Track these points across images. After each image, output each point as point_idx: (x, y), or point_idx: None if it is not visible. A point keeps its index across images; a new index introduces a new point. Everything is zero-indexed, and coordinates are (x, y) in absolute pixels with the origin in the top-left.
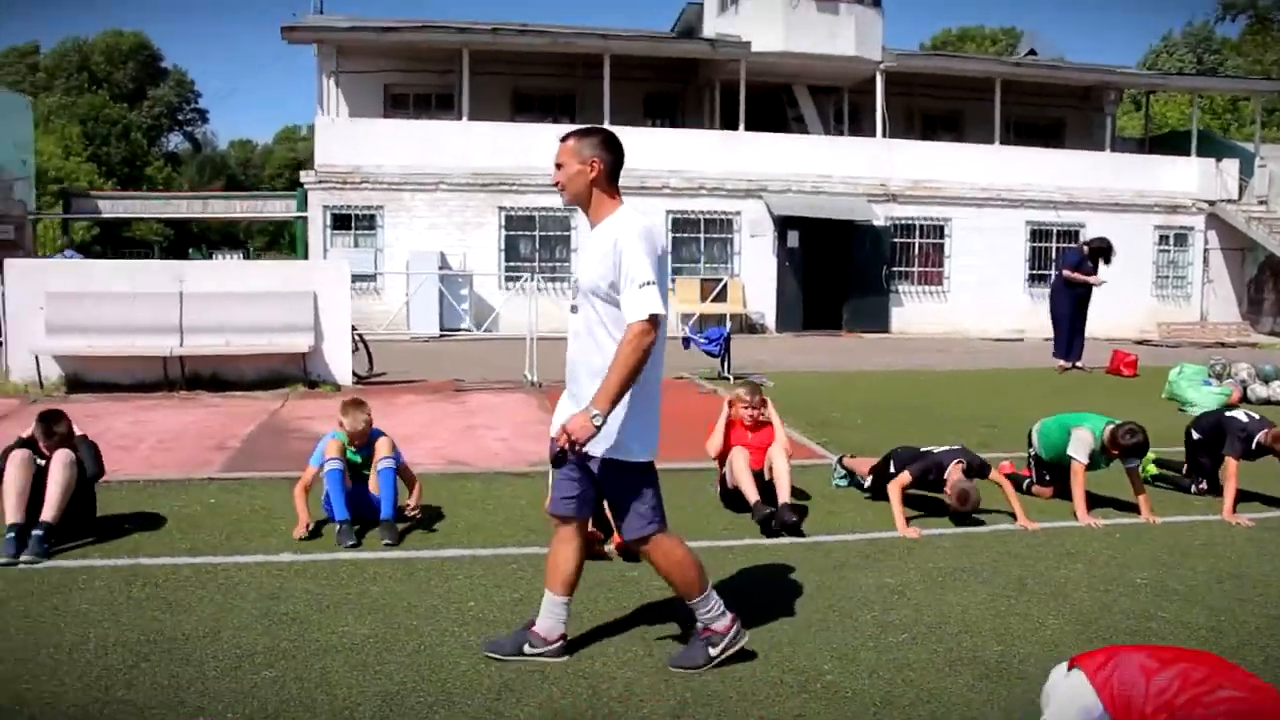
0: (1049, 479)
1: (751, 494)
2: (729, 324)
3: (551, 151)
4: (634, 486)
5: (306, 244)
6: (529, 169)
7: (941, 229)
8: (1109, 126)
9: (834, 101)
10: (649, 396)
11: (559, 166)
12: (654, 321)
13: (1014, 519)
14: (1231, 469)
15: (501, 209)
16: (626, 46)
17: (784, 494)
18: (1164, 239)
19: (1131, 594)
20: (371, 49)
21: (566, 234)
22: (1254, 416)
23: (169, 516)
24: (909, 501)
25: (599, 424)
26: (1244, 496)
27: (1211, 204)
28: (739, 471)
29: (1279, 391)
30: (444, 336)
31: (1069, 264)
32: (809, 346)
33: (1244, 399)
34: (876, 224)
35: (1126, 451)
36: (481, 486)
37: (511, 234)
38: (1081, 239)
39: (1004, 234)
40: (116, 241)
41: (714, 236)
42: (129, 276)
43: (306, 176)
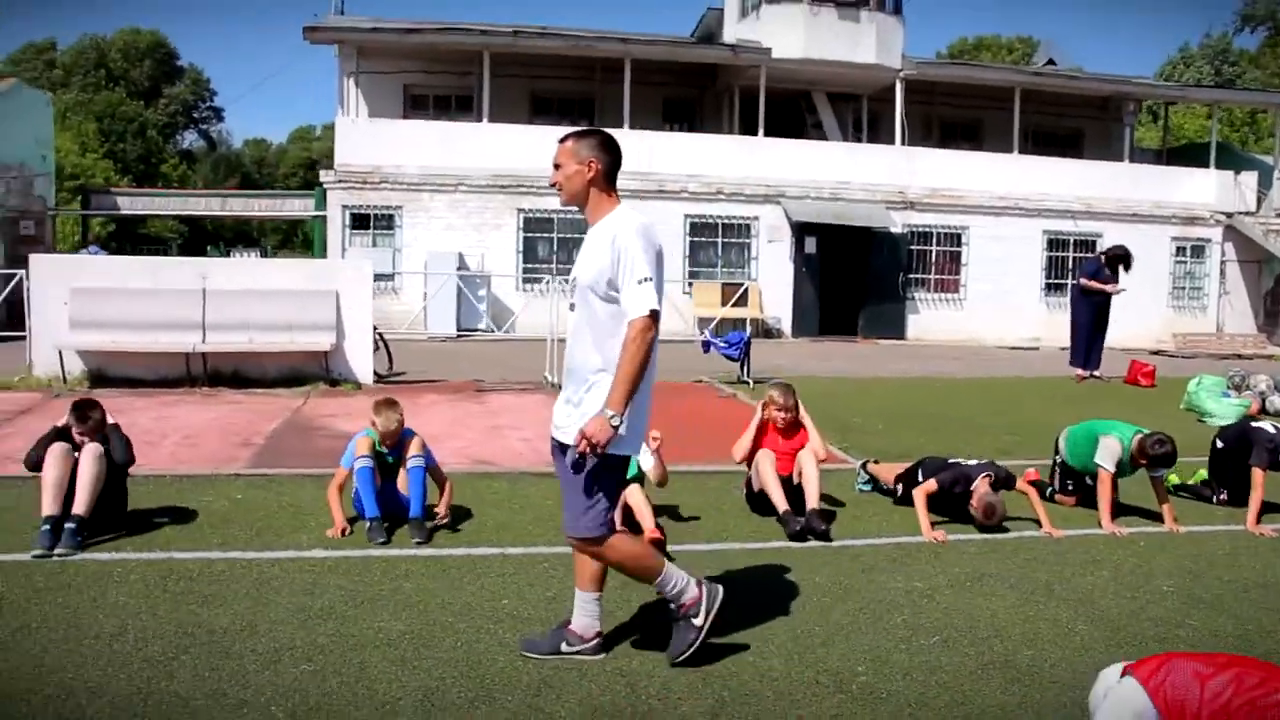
0: (1071, 488)
1: (780, 502)
2: (749, 328)
3: None
4: (601, 479)
5: (324, 243)
6: (548, 171)
7: (959, 237)
8: (1128, 137)
9: (853, 109)
10: (640, 391)
11: (557, 167)
12: (654, 317)
13: (1039, 525)
14: (1257, 479)
15: (520, 211)
16: (648, 51)
17: (813, 500)
18: (1181, 250)
19: (1159, 601)
20: (393, 50)
21: (584, 237)
22: None
23: (198, 512)
24: (933, 508)
25: (616, 425)
26: (1267, 508)
27: (1229, 216)
28: (765, 476)
29: None
30: (461, 337)
31: (1086, 273)
32: (825, 352)
33: (1263, 410)
34: (894, 231)
35: (1155, 461)
36: (508, 486)
37: (530, 236)
38: (1099, 249)
39: (1021, 243)
40: (132, 238)
41: (731, 241)
42: (153, 273)
43: (326, 176)
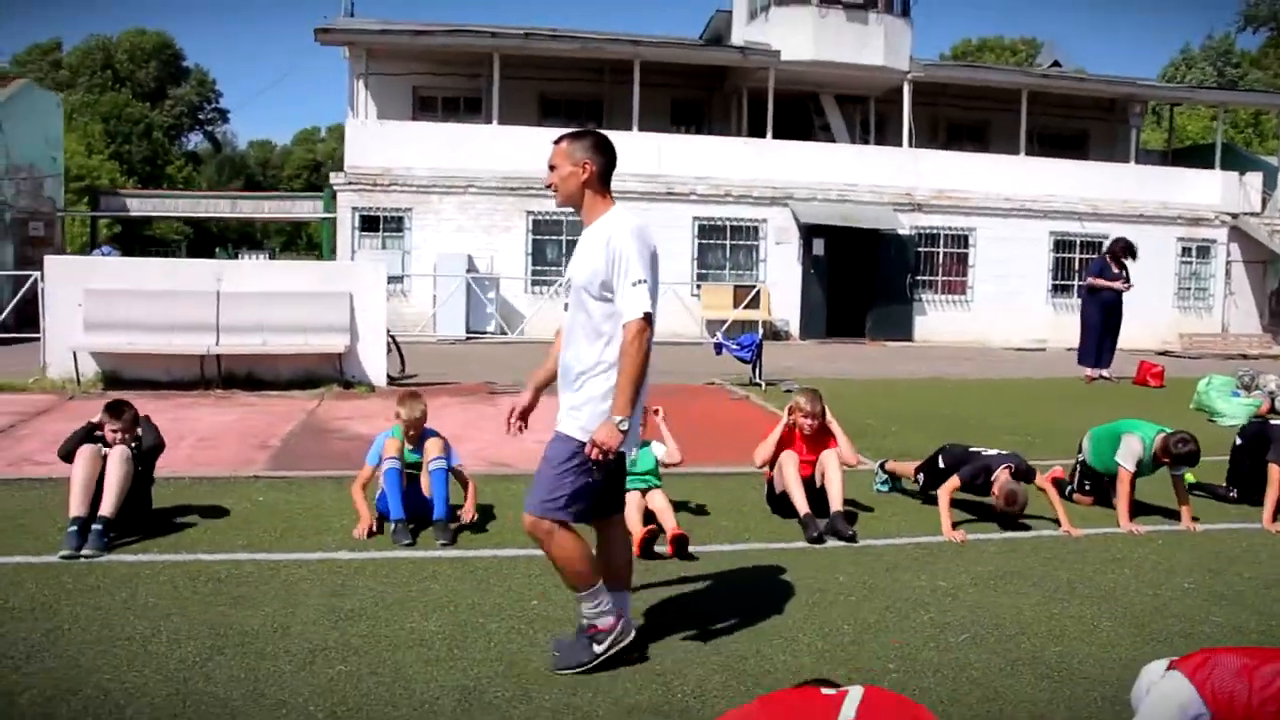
0: (1089, 488)
1: (802, 505)
2: (761, 330)
3: None
4: (574, 467)
5: (333, 245)
6: None
7: (966, 239)
8: (1133, 139)
9: (860, 111)
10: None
11: (552, 168)
12: (648, 320)
13: (1058, 525)
14: (1274, 476)
15: (529, 213)
16: (657, 53)
17: (836, 502)
18: (1186, 251)
19: (1181, 598)
20: (402, 52)
21: None
22: None
23: (221, 513)
24: (955, 505)
25: (625, 429)
26: None
27: (1234, 217)
28: (788, 478)
29: None
30: (470, 339)
31: (1092, 273)
32: (834, 354)
33: (1273, 410)
34: (901, 233)
35: (1178, 459)
36: (527, 487)
37: (539, 238)
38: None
39: (1028, 244)
40: (137, 240)
41: (740, 243)
42: (167, 275)
43: (336, 178)
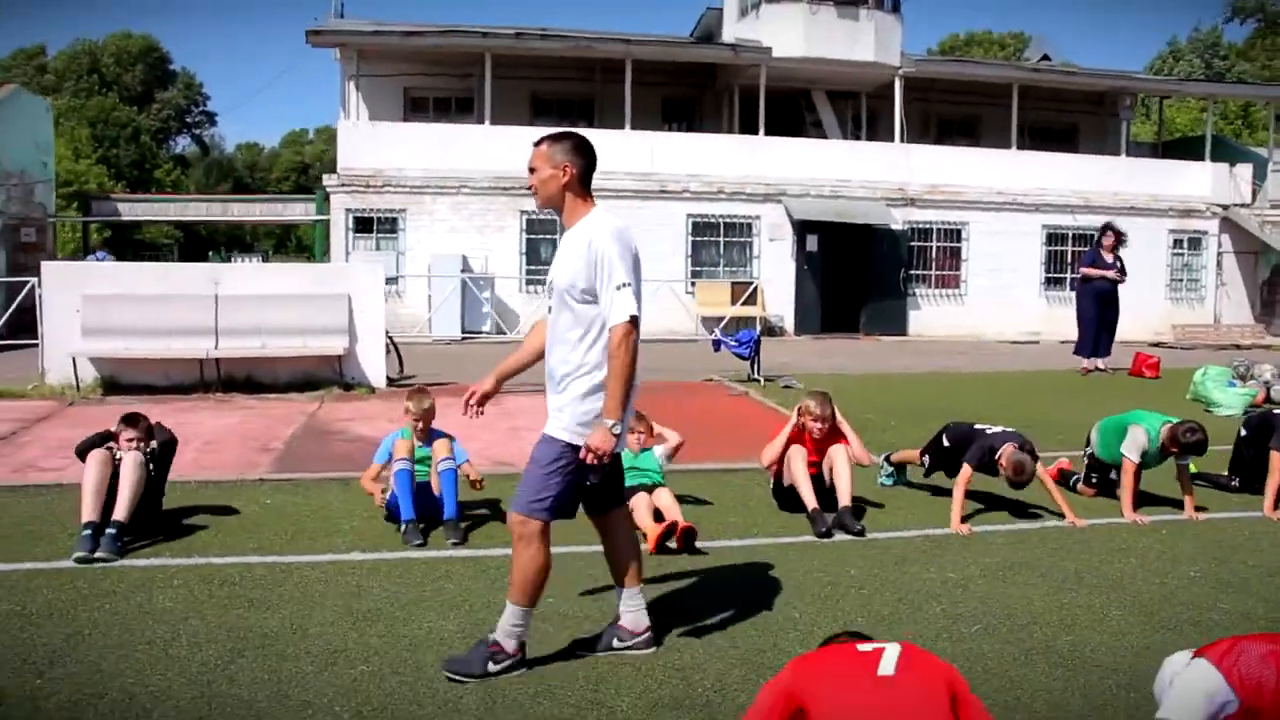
0: (1094, 480)
1: (810, 499)
2: (758, 326)
3: None
4: (561, 468)
5: (326, 247)
6: None
7: (958, 233)
8: (1124, 131)
9: (852, 106)
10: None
11: (532, 171)
12: (634, 323)
13: (1062, 517)
14: (1275, 463)
15: (523, 212)
16: (649, 52)
17: (845, 497)
18: (1178, 243)
19: (1188, 586)
20: (394, 53)
21: None
22: None
23: (229, 517)
24: (953, 473)
25: (618, 433)
26: None
27: (1225, 208)
28: (797, 474)
29: None
30: (466, 339)
31: (1085, 264)
32: (829, 349)
33: (1268, 399)
34: (894, 228)
35: (1185, 449)
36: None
37: (533, 238)
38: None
39: (1020, 238)
40: (129, 244)
41: (733, 240)
42: (164, 279)
43: (329, 179)
